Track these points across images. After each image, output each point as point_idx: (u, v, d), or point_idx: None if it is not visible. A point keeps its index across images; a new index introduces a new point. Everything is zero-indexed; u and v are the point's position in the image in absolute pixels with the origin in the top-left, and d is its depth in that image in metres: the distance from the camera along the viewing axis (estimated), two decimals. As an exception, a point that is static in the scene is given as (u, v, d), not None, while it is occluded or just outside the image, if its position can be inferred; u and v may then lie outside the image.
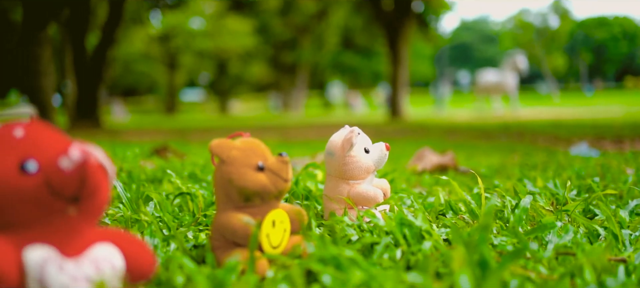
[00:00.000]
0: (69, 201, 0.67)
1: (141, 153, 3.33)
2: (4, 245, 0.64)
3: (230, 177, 0.98)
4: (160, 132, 9.31)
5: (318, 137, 6.87)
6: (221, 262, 0.96)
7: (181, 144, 5.42)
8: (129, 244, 0.74)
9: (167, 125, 13.16)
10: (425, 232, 1.06)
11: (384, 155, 1.30)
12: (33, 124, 0.72)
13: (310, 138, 6.72)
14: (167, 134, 8.79)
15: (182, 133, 9.11)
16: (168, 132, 9.61)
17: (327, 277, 0.81)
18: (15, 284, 0.64)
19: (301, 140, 6.34)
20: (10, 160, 0.67)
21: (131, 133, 9.28)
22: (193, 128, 11.24)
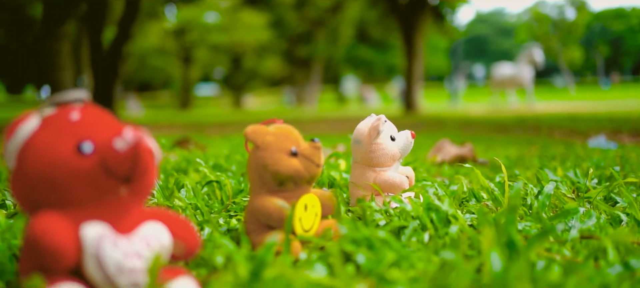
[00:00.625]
0: (121, 181, 0.71)
1: (163, 145, 3.39)
2: (63, 222, 0.68)
3: (265, 162, 1.02)
4: (176, 127, 9.39)
5: (333, 131, 6.90)
6: (256, 245, 1.00)
7: (199, 137, 5.47)
8: (175, 223, 0.78)
9: (182, 120, 13.25)
10: (452, 216, 1.09)
11: (409, 143, 1.33)
12: (87, 107, 0.76)
13: (326, 132, 6.75)
14: (183, 128, 8.86)
15: (198, 127, 9.17)
16: (184, 126, 9.68)
17: (361, 256, 0.85)
18: (73, 258, 0.68)
19: (317, 134, 6.37)
20: (68, 142, 0.71)
21: (147, 128, 9.36)
22: (208, 122, 11.30)
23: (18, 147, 0.71)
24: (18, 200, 0.74)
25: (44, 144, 0.71)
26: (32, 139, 0.71)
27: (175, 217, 0.79)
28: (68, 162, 0.70)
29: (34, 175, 0.70)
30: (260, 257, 0.79)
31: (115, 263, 0.69)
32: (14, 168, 0.72)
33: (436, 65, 31.71)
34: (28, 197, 0.72)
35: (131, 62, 23.83)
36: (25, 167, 0.71)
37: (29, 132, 0.71)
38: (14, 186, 0.73)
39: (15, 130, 0.71)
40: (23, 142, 0.71)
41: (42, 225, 0.67)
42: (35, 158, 0.70)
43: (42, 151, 0.70)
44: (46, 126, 0.72)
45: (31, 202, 0.72)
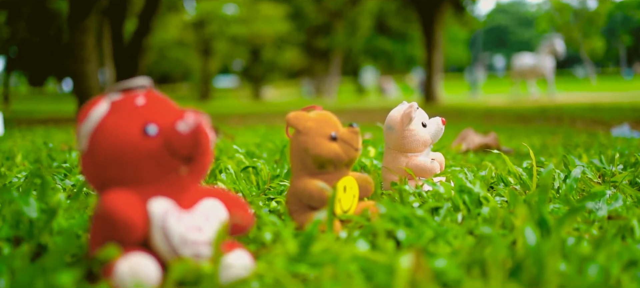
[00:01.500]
0: (183, 160, 0.78)
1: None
2: (133, 198, 0.75)
3: (306, 146, 1.08)
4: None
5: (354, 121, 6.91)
6: (299, 224, 1.06)
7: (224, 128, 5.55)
8: (230, 200, 0.84)
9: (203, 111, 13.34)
10: (483, 198, 1.14)
11: (440, 129, 1.38)
12: (150, 93, 0.82)
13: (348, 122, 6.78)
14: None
15: (220, 118, 9.25)
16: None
17: (401, 232, 0.91)
18: (142, 231, 0.75)
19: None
20: (135, 125, 0.77)
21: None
22: (229, 114, 11.39)
23: (90, 130, 0.77)
24: (88, 179, 0.81)
25: (114, 126, 0.77)
26: (102, 122, 0.77)
27: (229, 195, 0.85)
28: (136, 143, 0.76)
29: (105, 155, 0.77)
30: (309, 232, 0.85)
31: (179, 235, 0.75)
32: (85, 150, 0.78)
33: (456, 56, 31.53)
34: (98, 176, 0.79)
35: (151, 54, 24.03)
36: (97, 148, 0.77)
37: (99, 116, 0.77)
38: (85, 166, 0.80)
39: (87, 114, 0.77)
40: (94, 125, 0.77)
41: (114, 200, 0.73)
42: (106, 140, 0.77)
43: (112, 133, 0.77)
44: (115, 110, 0.79)
45: (101, 181, 0.79)
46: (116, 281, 0.70)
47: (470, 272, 0.81)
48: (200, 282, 0.73)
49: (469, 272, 0.81)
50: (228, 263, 0.76)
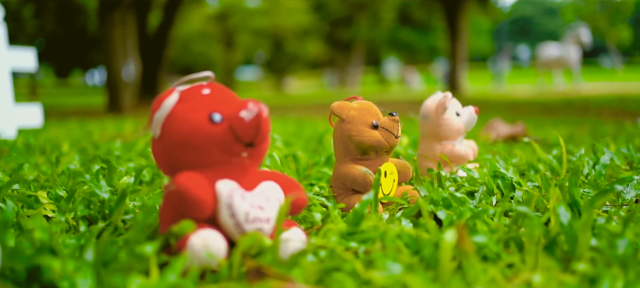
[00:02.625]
0: (246, 146, 0.86)
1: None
2: (203, 180, 0.83)
3: (350, 133, 1.15)
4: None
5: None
6: (346, 206, 1.14)
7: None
8: (286, 182, 0.92)
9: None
10: (516, 183, 1.21)
11: (473, 118, 1.45)
12: (214, 85, 0.90)
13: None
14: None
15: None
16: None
17: (441, 212, 0.98)
18: (211, 209, 0.83)
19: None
20: (202, 113, 0.85)
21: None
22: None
23: (163, 118, 0.86)
24: (159, 163, 0.90)
25: (183, 115, 0.85)
26: (173, 111, 0.86)
27: (285, 177, 0.93)
28: (203, 129, 0.84)
29: (176, 141, 0.85)
30: (358, 210, 0.93)
31: (244, 213, 0.83)
32: (158, 136, 0.87)
33: (479, 46, 31.33)
34: (169, 160, 0.87)
35: (175, 47, 24.27)
36: (168, 134, 0.86)
37: (170, 106, 0.86)
38: (156, 151, 0.89)
39: (160, 104, 0.86)
40: (166, 114, 0.86)
41: (186, 181, 0.81)
42: (176, 127, 0.85)
43: (182, 121, 0.85)
44: (184, 100, 0.87)
45: (172, 164, 0.87)
46: (190, 252, 0.78)
47: (507, 248, 0.88)
48: (263, 254, 0.81)
49: (507, 248, 0.88)
50: (287, 238, 0.84)
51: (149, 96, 11.52)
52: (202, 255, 0.78)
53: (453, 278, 0.70)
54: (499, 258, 0.82)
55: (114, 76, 8.39)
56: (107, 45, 8.33)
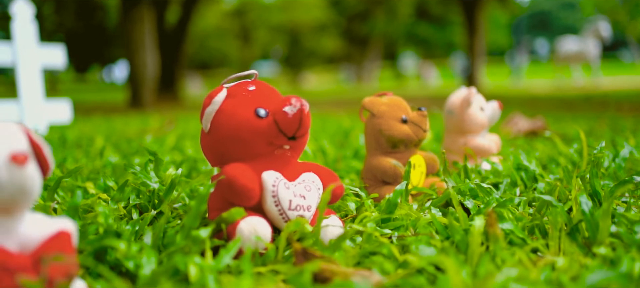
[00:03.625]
0: (288, 139, 0.93)
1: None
2: (250, 170, 0.90)
3: (380, 127, 1.22)
4: None
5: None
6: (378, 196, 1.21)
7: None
8: (324, 173, 0.99)
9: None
10: (539, 175, 1.27)
11: (496, 113, 1.50)
12: (258, 82, 0.97)
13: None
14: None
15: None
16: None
17: (469, 201, 1.04)
18: (258, 196, 0.90)
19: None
20: (248, 108, 0.92)
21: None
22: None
23: (213, 113, 0.93)
24: (207, 154, 0.97)
25: (231, 110, 0.92)
26: (222, 107, 0.93)
27: (323, 168, 1.00)
28: (250, 123, 0.91)
29: (225, 134, 0.92)
30: (392, 200, 0.99)
31: (287, 200, 0.91)
32: (208, 130, 0.94)
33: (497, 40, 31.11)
34: (218, 152, 0.95)
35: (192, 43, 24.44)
36: (217, 128, 0.93)
37: (220, 102, 0.93)
38: (206, 144, 0.96)
39: (211, 100, 0.93)
40: (216, 109, 0.93)
41: (235, 171, 0.89)
42: (225, 121, 0.92)
43: (231, 115, 0.92)
44: (231, 96, 0.94)
45: (220, 156, 0.95)
46: (239, 236, 0.85)
47: (532, 234, 0.94)
48: (305, 238, 0.88)
49: (531, 234, 0.94)
50: (327, 224, 0.91)
51: (168, 92, 11.62)
52: (251, 239, 0.85)
53: (482, 260, 0.76)
54: (525, 243, 0.88)
55: (136, 73, 8.52)
56: (130, 42, 8.46)
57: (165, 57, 11.91)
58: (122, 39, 8.87)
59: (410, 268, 0.77)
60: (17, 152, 0.62)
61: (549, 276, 0.72)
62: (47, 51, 3.63)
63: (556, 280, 0.72)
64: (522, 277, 0.67)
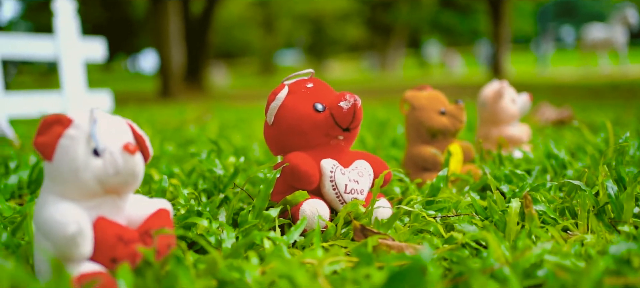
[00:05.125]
0: (343, 130, 1.04)
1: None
2: (310, 158, 1.02)
3: (421, 119, 1.33)
4: (265, 95, 9.72)
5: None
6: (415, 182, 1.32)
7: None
8: (374, 160, 1.10)
9: (269, 88, 13.67)
10: (568, 162, 1.37)
11: (527, 105, 1.60)
12: (315, 79, 1.09)
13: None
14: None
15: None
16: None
17: (505, 186, 1.15)
18: (317, 181, 1.02)
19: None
20: (308, 103, 1.04)
21: (241, 96, 9.82)
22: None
23: (276, 108, 1.05)
24: (270, 144, 1.09)
25: (292, 105, 1.04)
26: (284, 102, 1.05)
27: (372, 156, 1.11)
28: (309, 117, 1.03)
29: (287, 126, 1.04)
30: (435, 184, 1.11)
31: (343, 185, 1.02)
32: (272, 123, 1.06)
33: (522, 28, 30.81)
34: (280, 142, 1.07)
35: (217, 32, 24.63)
36: (280, 121, 1.05)
37: (283, 98, 1.05)
38: (269, 135, 1.08)
39: (275, 96, 1.05)
40: (279, 104, 1.05)
41: (297, 159, 1.00)
42: (287, 115, 1.04)
43: (292, 110, 1.04)
44: (292, 93, 1.06)
45: (282, 146, 1.07)
46: (303, 216, 0.97)
47: (562, 215, 1.04)
48: (359, 218, 1.00)
49: (562, 215, 1.04)
50: (378, 206, 1.02)
51: (194, 82, 11.74)
52: (313, 218, 0.97)
53: (519, 237, 0.87)
54: (556, 222, 0.99)
55: (166, 64, 8.70)
56: (159, 34, 8.64)
57: (191, 48, 12.07)
58: (149, 30, 9.06)
59: (455, 244, 0.88)
60: (128, 142, 0.75)
61: (578, 250, 0.83)
62: (88, 45, 3.79)
63: (585, 253, 0.83)
64: (556, 250, 0.78)
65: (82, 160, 0.73)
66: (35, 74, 24.24)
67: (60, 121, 0.75)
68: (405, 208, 1.00)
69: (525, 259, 0.74)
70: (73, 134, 0.74)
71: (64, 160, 0.73)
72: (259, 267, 0.76)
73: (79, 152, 0.73)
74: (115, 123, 0.78)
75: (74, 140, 0.74)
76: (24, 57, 3.53)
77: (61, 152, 0.74)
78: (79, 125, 0.75)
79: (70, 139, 0.74)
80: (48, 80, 24.08)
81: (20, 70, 24.32)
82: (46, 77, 24.16)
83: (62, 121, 0.75)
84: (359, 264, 0.74)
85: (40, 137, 0.75)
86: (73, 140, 0.74)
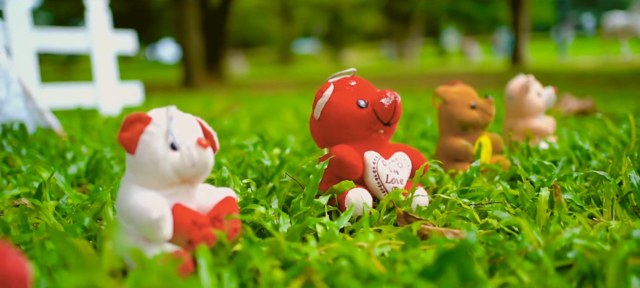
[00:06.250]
0: (384, 125, 1.13)
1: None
2: (354, 150, 1.11)
3: (452, 113, 1.41)
4: (285, 85, 9.82)
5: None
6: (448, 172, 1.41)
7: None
8: (411, 152, 1.19)
9: (288, 77, 13.76)
10: (592, 153, 1.44)
11: (552, 98, 1.68)
12: (358, 77, 1.18)
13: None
14: (293, 86, 9.29)
15: (306, 84, 9.54)
16: (292, 84, 10.11)
17: (533, 176, 1.23)
18: (361, 171, 1.11)
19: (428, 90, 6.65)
20: (351, 100, 1.13)
21: (261, 86, 9.91)
22: (314, 79, 11.67)
23: (323, 104, 1.14)
24: (316, 138, 1.18)
25: (338, 101, 1.13)
26: (330, 99, 1.14)
27: (410, 148, 1.20)
28: (353, 112, 1.12)
29: (332, 121, 1.13)
30: (469, 174, 1.19)
31: (385, 175, 1.11)
32: (318, 118, 1.15)
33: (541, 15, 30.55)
34: (325, 136, 1.16)
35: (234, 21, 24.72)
36: (326, 116, 1.14)
37: (329, 95, 1.14)
38: (315, 129, 1.17)
39: (322, 94, 1.14)
40: (326, 101, 1.14)
41: (343, 151, 1.10)
42: (333, 111, 1.13)
43: (337, 106, 1.13)
44: (337, 90, 1.15)
45: (327, 139, 1.16)
46: (349, 203, 1.06)
47: (588, 203, 1.13)
48: (400, 205, 1.09)
49: (588, 203, 1.13)
50: (417, 194, 1.11)
51: (213, 71, 11.80)
52: (358, 205, 1.06)
53: (549, 222, 0.95)
54: (583, 210, 1.07)
55: (188, 54, 8.83)
56: (181, 24, 8.75)
57: (210, 37, 12.16)
58: (168, 20, 9.16)
59: (491, 229, 0.97)
60: (201, 138, 0.84)
61: (604, 235, 0.91)
62: (120, 38, 3.90)
63: (610, 238, 0.91)
64: (584, 234, 0.86)
65: (161, 153, 0.83)
66: (55, 64, 24.52)
67: (141, 119, 0.85)
68: (443, 197, 1.08)
69: (556, 242, 0.83)
70: (153, 130, 0.84)
71: (146, 154, 0.83)
72: (317, 248, 0.85)
73: (158, 147, 0.83)
74: (187, 120, 0.87)
75: (154, 135, 0.83)
76: (59, 50, 3.65)
77: (143, 147, 0.83)
78: (157, 122, 0.84)
79: (151, 134, 0.83)
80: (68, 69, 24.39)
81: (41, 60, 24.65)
82: (66, 66, 24.49)
83: (143, 119, 0.85)
84: (405, 246, 0.83)
85: (124, 133, 0.84)
86: (153, 135, 0.83)
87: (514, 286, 0.74)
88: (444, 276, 0.68)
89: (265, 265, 0.76)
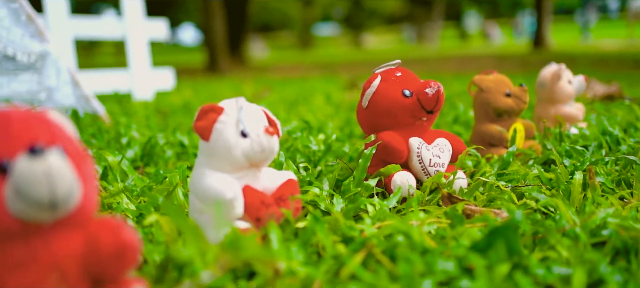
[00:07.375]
0: (427, 113, 1.21)
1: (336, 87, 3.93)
2: (400, 136, 1.20)
3: (488, 100, 1.49)
4: (307, 68, 9.87)
5: (463, 69, 7.13)
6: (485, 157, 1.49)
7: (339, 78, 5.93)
8: (452, 137, 1.27)
9: (308, 60, 13.80)
10: (621, 138, 1.51)
11: (582, 85, 1.74)
12: (402, 69, 1.26)
13: (458, 70, 7.02)
14: (313, 68, 9.34)
15: (328, 68, 9.59)
16: (314, 67, 10.17)
17: (566, 160, 1.31)
18: (406, 156, 1.20)
19: (450, 72, 6.69)
20: (397, 90, 1.21)
21: (283, 69, 9.98)
22: (335, 63, 11.71)
23: (371, 94, 1.23)
24: (363, 125, 1.27)
25: (384, 91, 1.22)
26: (378, 88, 1.22)
27: (451, 134, 1.28)
28: (399, 101, 1.21)
29: (379, 110, 1.22)
30: (506, 158, 1.27)
31: (428, 159, 1.20)
32: (366, 106, 1.24)
33: (564, -3, 30.22)
34: (372, 123, 1.25)
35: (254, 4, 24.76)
36: (374, 105, 1.22)
37: (376, 85, 1.22)
38: (362, 116, 1.26)
39: (370, 84, 1.23)
40: (374, 90, 1.22)
41: (389, 137, 1.18)
42: (380, 99, 1.22)
43: (384, 95, 1.22)
44: (384, 80, 1.23)
45: (374, 126, 1.25)
46: (395, 185, 1.15)
47: (619, 186, 1.20)
48: (443, 187, 1.17)
49: (619, 186, 1.20)
50: (458, 177, 1.20)
51: (235, 55, 11.89)
52: (404, 187, 1.15)
53: (585, 203, 1.03)
54: (614, 192, 1.15)
55: (212, 38, 8.94)
56: (206, 8, 8.85)
57: (231, 21, 12.24)
58: (189, 4, 9.23)
59: (529, 210, 1.05)
60: (267, 126, 0.94)
61: (634, 215, 0.99)
62: (153, 25, 4.01)
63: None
64: (617, 214, 0.94)
65: (233, 140, 0.92)
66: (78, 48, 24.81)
67: (215, 109, 0.94)
68: (482, 179, 1.17)
69: (591, 221, 0.91)
70: (225, 119, 0.93)
71: (219, 141, 0.93)
72: (372, 225, 0.94)
73: (230, 134, 0.92)
74: (255, 110, 0.97)
75: (226, 124, 0.93)
76: (95, 37, 3.77)
77: (216, 134, 0.93)
78: (229, 112, 0.94)
79: (223, 123, 0.93)
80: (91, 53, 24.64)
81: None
82: (88, 50, 24.79)
83: (216, 109, 0.94)
84: (453, 224, 0.92)
85: (200, 122, 0.94)
86: (225, 124, 0.93)
87: (555, 259, 0.82)
88: (493, 250, 0.77)
89: (328, 240, 0.85)
